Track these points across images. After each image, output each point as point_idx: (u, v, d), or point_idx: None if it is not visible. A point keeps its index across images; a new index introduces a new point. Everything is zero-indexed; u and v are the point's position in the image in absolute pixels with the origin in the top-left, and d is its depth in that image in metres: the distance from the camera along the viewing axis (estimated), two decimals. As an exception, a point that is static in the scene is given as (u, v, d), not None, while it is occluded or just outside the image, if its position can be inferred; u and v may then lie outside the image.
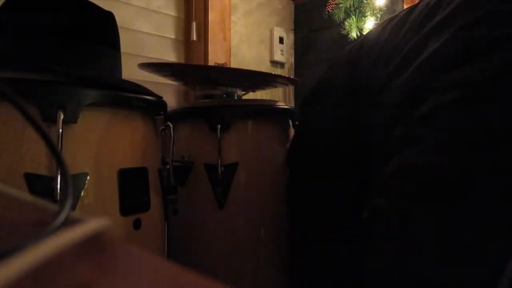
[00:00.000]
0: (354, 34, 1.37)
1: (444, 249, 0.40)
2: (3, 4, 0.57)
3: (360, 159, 0.59)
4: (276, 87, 1.37)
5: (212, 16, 1.47)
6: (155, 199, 0.62)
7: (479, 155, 0.40)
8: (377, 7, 1.37)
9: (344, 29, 1.39)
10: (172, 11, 1.48)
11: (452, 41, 0.46)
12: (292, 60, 1.83)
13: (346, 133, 0.63)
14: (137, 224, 0.57)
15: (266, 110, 0.84)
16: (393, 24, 0.62)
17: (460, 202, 0.40)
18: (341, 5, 1.39)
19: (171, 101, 1.44)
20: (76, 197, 0.50)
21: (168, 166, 0.70)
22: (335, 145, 0.65)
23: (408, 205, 0.44)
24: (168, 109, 0.68)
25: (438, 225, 0.41)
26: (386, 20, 0.69)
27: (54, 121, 0.47)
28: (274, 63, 1.76)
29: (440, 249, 0.40)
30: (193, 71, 0.99)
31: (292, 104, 1.80)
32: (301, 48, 1.81)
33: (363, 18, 1.37)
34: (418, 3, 0.60)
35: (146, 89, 0.62)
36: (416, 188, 0.44)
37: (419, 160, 0.44)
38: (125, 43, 0.74)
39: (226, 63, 1.50)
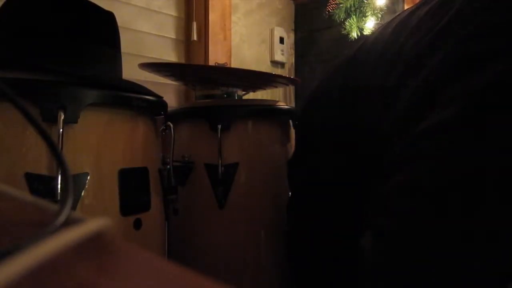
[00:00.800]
0: (354, 34, 1.37)
1: (447, 280, 0.39)
2: (3, 4, 0.57)
3: (366, 171, 0.58)
4: (276, 87, 1.37)
5: (213, 16, 1.47)
6: (155, 199, 0.62)
7: (481, 176, 0.39)
8: (378, 7, 1.37)
9: (345, 29, 1.39)
10: (172, 11, 1.48)
11: (451, 54, 0.45)
12: (293, 60, 1.83)
13: (347, 142, 0.62)
14: (137, 224, 0.57)
15: (266, 110, 0.84)
16: (393, 26, 0.60)
17: (462, 229, 0.39)
18: (341, 5, 1.39)
19: (172, 101, 1.44)
20: (77, 197, 0.50)
21: (168, 166, 0.70)
22: (337, 157, 0.64)
23: (408, 227, 0.42)
24: (169, 109, 0.68)
25: (438, 250, 0.40)
26: (385, 23, 0.68)
27: (54, 121, 0.47)
28: (274, 63, 1.76)
29: (441, 280, 0.39)
30: (194, 71, 0.99)
31: (293, 104, 1.80)
32: (302, 48, 1.81)
33: (363, 18, 1.37)
34: (419, 6, 0.59)
35: (147, 89, 0.62)
36: (416, 209, 0.42)
37: (419, 180, 0.43)
38: (126, 43, 0.74)
39: (226, 63, 1.50)
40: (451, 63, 0.45)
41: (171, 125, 0.69)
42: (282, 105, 0.87)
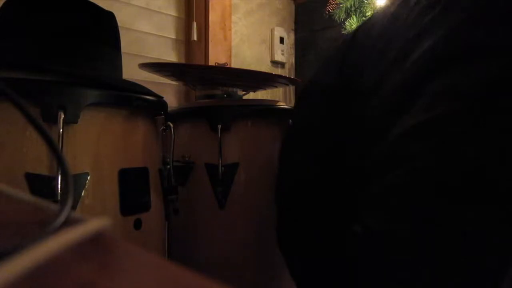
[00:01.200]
0: (354, 34, 1.36)
1: (441, 279, 0.38)
2: (3, 4, 0.57)
3: (353, 164, 0.57)
4: (276, 87, 1.37)
5: (213, 16, 1.47)
6: (155, 199, 0.62)
7: (482, 176, 0.38)
8: (378, 7, 1.37)
9: (345, 29, 1.39)
10: (172, 11, 1.48)
11: (449, 37, 0.43)
12: (293, 60, 1.83)
13: (335, 133, 0.61)
14: (137, 224, 0.57)
15: (266, 110, 0.84)
16: (388, 15, 0.57)
17: (461, 229, 0.38)
18: (341, 5, 1.38)
19: (172, 101, 1.44)
20: (77, 197, 0.50)
21: (168, 166, 0.70)
22: (323, 145, 0.63)
23: (408, 227, 0.41)
24: (169, 109, 0.68)
25: (437, 249, 0.39)
26: (379, 12, 0.65)
27: (54, 121, 0.47)
28: (274, 63, 1.76)
29: (435, 280, 0.38)
30: (194, 71, 0.99)
31: (293, 104, 1.80)
32: (302, 48, 1.81)
33: (363, 18, 1.36)
34: None
35: (147, 89, 0.62)
36: (416, 209, 0.41)
37: (417, 179, 0.42)
38: (126, 43, 0.74)
39: (226, 63, 1.50)
40: (451, 48, 0.43)
41: (171, 125, 0.69)
42: (282, 105, 0.87)
